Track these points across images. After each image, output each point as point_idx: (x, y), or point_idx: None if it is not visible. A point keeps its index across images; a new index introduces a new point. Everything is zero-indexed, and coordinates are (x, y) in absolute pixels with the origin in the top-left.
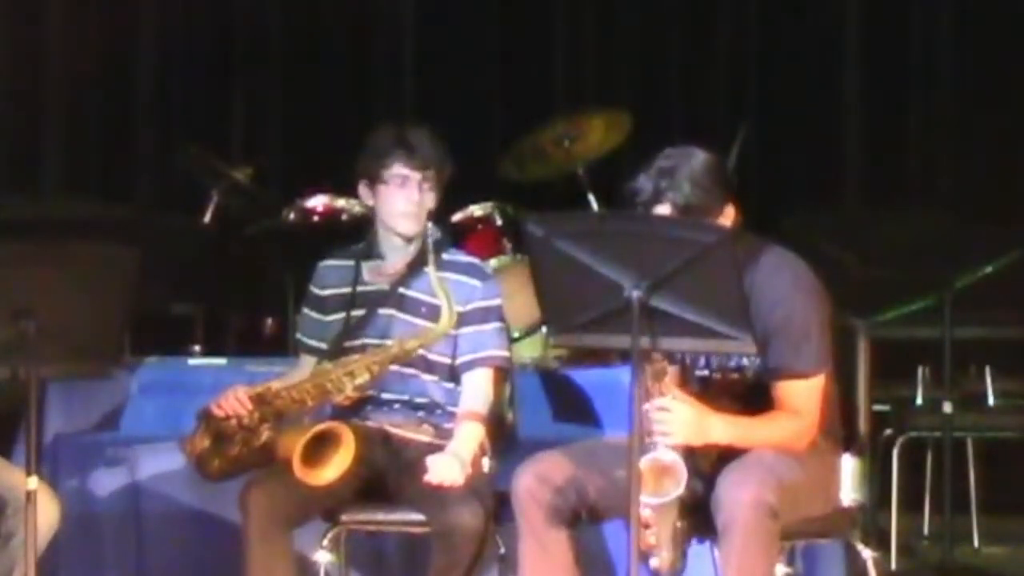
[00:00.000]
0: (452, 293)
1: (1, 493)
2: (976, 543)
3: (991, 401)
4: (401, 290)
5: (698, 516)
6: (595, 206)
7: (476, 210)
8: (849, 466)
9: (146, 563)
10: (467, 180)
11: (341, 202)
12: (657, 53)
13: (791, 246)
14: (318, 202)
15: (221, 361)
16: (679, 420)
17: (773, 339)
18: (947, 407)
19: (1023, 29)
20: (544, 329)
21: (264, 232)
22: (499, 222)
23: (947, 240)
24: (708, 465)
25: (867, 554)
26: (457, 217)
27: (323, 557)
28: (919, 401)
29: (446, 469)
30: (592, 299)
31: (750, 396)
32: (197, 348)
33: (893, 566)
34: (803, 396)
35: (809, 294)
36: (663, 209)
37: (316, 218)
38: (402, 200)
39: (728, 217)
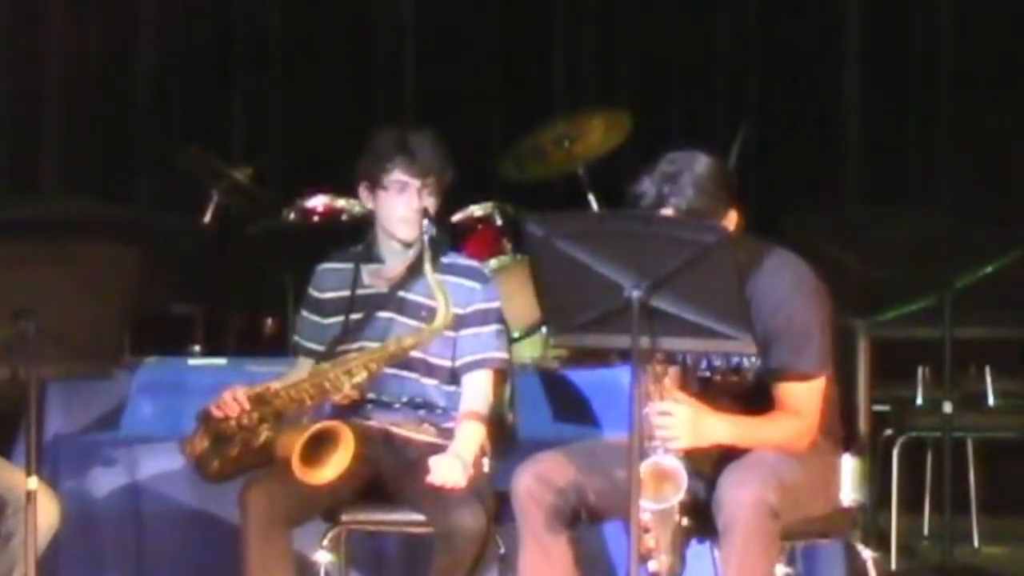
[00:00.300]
0: (452, 295)
1: (1, 493)
2: (976, 543)
3: (991, 401)
4: (400, 293)
5: (698, 517)
6: (595, 206)
7: (476, 210)
8: (849, 466)
9: (146, 563)
10: (467, 180)
11: (341, 202)
12: (657, 53)
13: (791, 246)
14: (318, 202)
15: (221, 361)
16: (681, 423)
17: (775, 341)
18: (947, 407)
19: (1023, 30)
20: (544, 329)
21: (264, 232)
22: (499, 222)
23: (947, 240)
24: (709, 466)
25: (867, 554)
26: (457, 217)
27: (323, 557)
28: (919, 401)
29: (448, 470)
30: (592, 299)
31: (750, 397)
32: (197, 348)
33: (893, 566)
34: (804, 397)
35: (810, 295)
36: (666, 213)
37: (316, 218)
38: (402, 206)
39: (731, 221)
